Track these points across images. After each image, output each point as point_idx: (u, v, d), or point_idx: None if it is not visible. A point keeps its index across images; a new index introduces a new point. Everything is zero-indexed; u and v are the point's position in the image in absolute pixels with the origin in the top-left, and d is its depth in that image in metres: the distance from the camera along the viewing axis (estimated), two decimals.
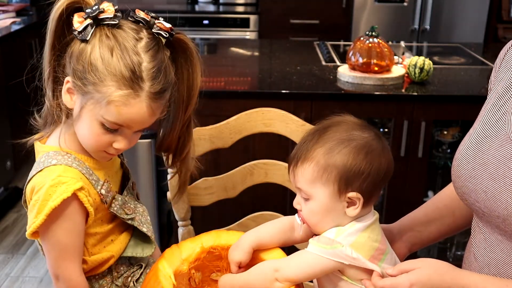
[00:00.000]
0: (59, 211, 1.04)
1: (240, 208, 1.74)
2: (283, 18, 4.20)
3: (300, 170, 1.04)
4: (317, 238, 1.05)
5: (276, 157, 1.54)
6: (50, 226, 1.06)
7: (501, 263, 1.00)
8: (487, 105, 1.08)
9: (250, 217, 1.57)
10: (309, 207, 1.05)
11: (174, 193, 1.38)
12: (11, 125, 3.11)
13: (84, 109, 1.04)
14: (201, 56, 1.16)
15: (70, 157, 1.09)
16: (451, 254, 2.48)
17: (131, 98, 1.02)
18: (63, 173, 1.05)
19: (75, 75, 1.03)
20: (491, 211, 0.99)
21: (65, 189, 1.04)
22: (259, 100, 2.01)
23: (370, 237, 1.03)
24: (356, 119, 1.08)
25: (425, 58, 2.21)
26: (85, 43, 1.03)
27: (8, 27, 3.32)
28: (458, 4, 4.00)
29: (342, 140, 1.02)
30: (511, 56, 1.07)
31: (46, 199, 1.03)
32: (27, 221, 1.07)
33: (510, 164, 0.96)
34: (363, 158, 1.01)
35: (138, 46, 1.03)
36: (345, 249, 1.00)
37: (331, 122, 1.07)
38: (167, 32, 1.08)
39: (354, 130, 1.04)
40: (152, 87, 1.03)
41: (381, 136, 1.07)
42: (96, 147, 1.08)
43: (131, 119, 1.04)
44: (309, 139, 1.05)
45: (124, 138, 1.07)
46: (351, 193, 1.01)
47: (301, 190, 1.05)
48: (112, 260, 1.18)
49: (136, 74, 1.01)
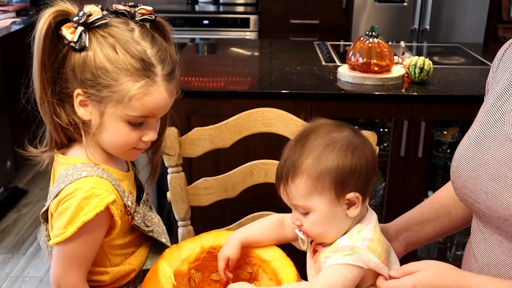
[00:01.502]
0: (89, 225, 1.03)
1: (240, 208, 1.74)
2: (283, 18, 4.20)
3: (293, 187, 1.01)
4: (332, 250, 1.01)
5: (276, 157, 1.53)
6: (75, 239, 1.04)
7: (501, 264, 1.00)
8: (486, 106, 1.08)
9: (250, 217, 1.57)
10: (310, 220, 1.03)
11: (146, 179, 1.32)
12: (11, 125, 3.11)
13: (105, 115, 1.03)
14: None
15: (99, 168, 1.07)
16: (451, 254, 2.48)
17: (149, 86, 1.02)
18: (96, 185, 1.04)
19: (86, 85, 1.02)
20: (491, 212, 0.98)
21: (98, 203, 1.02)
22: (259, 100, 2.01)
23: (380, 239, 1.03)
24: (329, 120, 1.07)
25: (425, 58, 2.21)
26: (85, 51, 1.02)
27: (8, 27, 3.32)
28: (458, 4, 4.00)
29: (325, 145, 1.00)
30: (508, 56, 1.07)
31: (78, 211, 1.01)
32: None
33: (510, 164, 0.95)
34: (351, 157, 1.00)
35: (135, 36, 1.04)
36: (366, 253, 0.99)
37: (306, 130, 1.05)
38: (152, 15, 1.09)
39: (333, 132, 1.03)
40: (164, 69, 1.04)
41: (357, 129, 1.06)
42: (126, 146, 1.07)
43: (155, 107, 1.05)
44: (291, 153, 1.03)
45: (151, 129, 1.08)
46: (349, 194, 1.00)
47: (298, 206, 1.03)
48: (133, 274, 1.17)
49: (146, 61, 1.02)
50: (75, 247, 1.05)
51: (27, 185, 3.34)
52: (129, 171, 1.18)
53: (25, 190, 3.30)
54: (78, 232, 1.02)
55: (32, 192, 3.31)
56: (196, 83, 2.22)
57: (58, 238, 1.03)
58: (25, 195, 3.27)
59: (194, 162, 2.10)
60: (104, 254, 1.12)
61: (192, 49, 2.90)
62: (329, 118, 1.08)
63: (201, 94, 2.13)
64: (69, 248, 1.05)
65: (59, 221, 1.03)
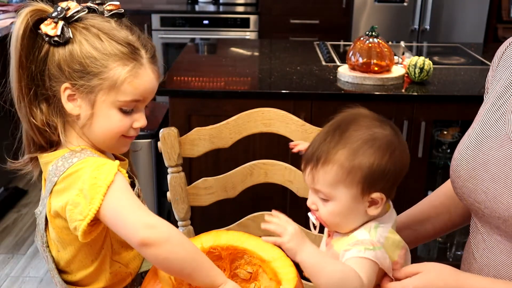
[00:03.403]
0: (116, 188, 0.98)
1: (240, 208, 1.74)
2: (283, 18, 4.20)
3: (322, 172, 0.99)
4: (352, 243, 1.00)
5: (276, 157, 1.54)
6: (110, 203, 0.97)
7: (501, 264, 1.00)
8: (486, 105, 1.07)
9: (250, 217, 1.57)
10: (329, 209, 1.02)
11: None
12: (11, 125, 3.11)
13: (96, 104, 1.04)
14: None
15: (87, 150, 1.06)
16: (451, 254, 2.48)
17: (138, 69, 1.05)
18: (97, 159, 1.02)
19: (74, 77, 1.02)
20: (491, 212, 0.98)
21: (110, 169, 0.99)
22: (259, 100, 2.01)
23: (394, 240, 1.02)
24: (371, 112, 1.05)
25: (425, 58, 2.21)
26: (70, 44, 1.02)
27: (8, 27, 3.32)
28: (458, 4, 4.00)
29: (365, 140, 0.98)
30: (509, 55, 1.07)
31: (94, 183, 0.97)
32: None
33: (510, 165, 0.95)
34: (388, 158, 0.98)
35: (113, 25, 1.06)
36: (383, 252, 0.98)
37: (347, 118, 1.02)
38: (120, 9, 1.10)
39: (375, 127, 1.00)
40: (148, 52, 1.08)
41: (397, 129, 1.04)
42: (118, 134, 1.08)
43: (145, 89, 1.07)
44: (328, 139, 1.00)
45: (141, 115, 1.09)
46: (374, 194, 0.99)
47: (320, 192, 1.01)
48: (129, 279, 1.17)
49: (132, 45, 1.05)
50: (121, 200, 0.98)
51: (27, 185, 3.34)
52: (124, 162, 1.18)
53: (25, 190, 3.30)
54: (106, 200, 0.96)
55: (32, 192, 3.31)
56: (196, 83, 2.22)
57: (87, 218, 0.96)
58: (25, 195, 3.27)
59: (194, 162, 2.10)
60: (108, 238, 1.11)
61: (192, 49, 2.90)
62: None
63: (201, 94, 2.13)
64: (118, 203, 0.98)
65: (78, 207, 0.98)
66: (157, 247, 0.95)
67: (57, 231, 1.07)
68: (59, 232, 1.07)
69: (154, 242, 0.95)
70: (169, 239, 0.96)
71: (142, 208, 0.99)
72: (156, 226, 0.96)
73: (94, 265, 1.11)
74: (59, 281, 1.13)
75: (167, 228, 0.97)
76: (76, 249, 1.09)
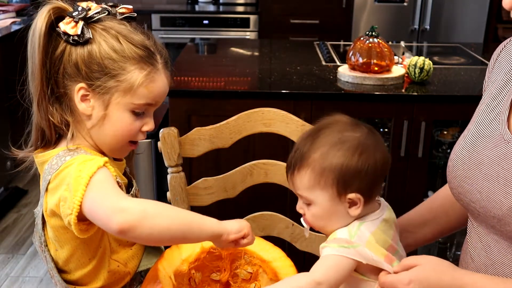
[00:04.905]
0: (97, 179, 0.97)
1: (240, 208, 1.74)
2: (283, 18, 4.20)
3: (298, 178, 1.04)
4: (331, 240, 1.03)
5: (276, 157, 1.54)
6: (89, 193, 0.96)
7: (498, 264, 1.00)
8: (481, 106, 1.08)
9: (250, 217, 1.57)
10: (312, 212, 1.05)
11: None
12: (11, 125, 3.11)
13: (110, 106, 1.05)
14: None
15: (81, 150, 1.07)
16: (451, 254, 2.48)
17: (153, 73, 1.06)
18: (86, 156, 1.03)
19: (91, 77, 1.03)
20: (486, 211, 0.99)
21: (96, 161, 0.99)
22: (259, 100, 2.01)
23: (381, 237, 1.03)
24: (347, 118, 1.08)
25: (425, 58, 2.21)
26: (89, 44, 1.03)
27: (8, 27, 3.32)
28: (458, 4, 4.00)
29: (334, 143, 1.02)
30: (504, 57, 1.08)
31: (78, 175, 0.96)
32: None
33: (504, 164, 0.96)
34: (357, 158, 1.01)
35: (130, 28, 1.07)
36: (363, 248, 1.00)
37: (322, 124, 1.07)
38: (133, 13, 1.11)
39: (346, 131, 1.03)
40: (162, 57, 1.10)
41: (374, 130, 1.07)
42: (127, 137, 1.09)
43: (159, 93, 1.09)
44: (302, 145, 1.04)
45: (150, 118, 1.11)
46: (350, 194, 1.01)
47: (302, 196, 1.06)
48: (128, 278, 1.18)
49: (149, 49, 1.06)
50: (96, 192, 0.96)
51: (27, 185, 3.34)
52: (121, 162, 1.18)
53: (25, 190, 3.30)
54: (89, 190, 0.96)
55: (32, 192, 3.30)
56: (196, 83, 2.22)
57: (74, 211, 0.95)
58: (25, 195, 3.27)
59: (194, 162, 2.10)
60: (105, 237, 1.11)
61: (192, 49, 2.90)
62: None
63: (201, 94, 2.13)
64: (90, 199, 0.95)
65: (66, 203, 0.97)
66: (135, 229, 0.92)
67: (54, 230, 1.08)
68: (56, 231, 1.08)
69: (130, 226, 0.91)
70: (144, 215, 0.93)
71: (117, 194, 0.96)
72: (126, 208, 0.93)
73: (92, 264, 1.11)
74: (59, 280, 1.13)
75: (138, 205, 0.94)
76: (73, 248, 1.09)
